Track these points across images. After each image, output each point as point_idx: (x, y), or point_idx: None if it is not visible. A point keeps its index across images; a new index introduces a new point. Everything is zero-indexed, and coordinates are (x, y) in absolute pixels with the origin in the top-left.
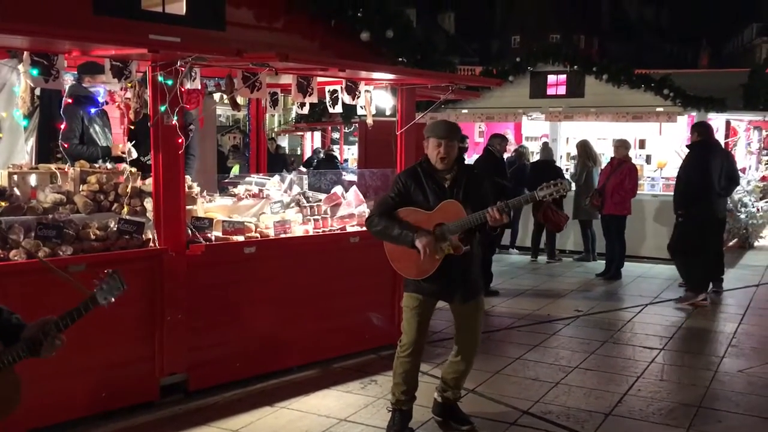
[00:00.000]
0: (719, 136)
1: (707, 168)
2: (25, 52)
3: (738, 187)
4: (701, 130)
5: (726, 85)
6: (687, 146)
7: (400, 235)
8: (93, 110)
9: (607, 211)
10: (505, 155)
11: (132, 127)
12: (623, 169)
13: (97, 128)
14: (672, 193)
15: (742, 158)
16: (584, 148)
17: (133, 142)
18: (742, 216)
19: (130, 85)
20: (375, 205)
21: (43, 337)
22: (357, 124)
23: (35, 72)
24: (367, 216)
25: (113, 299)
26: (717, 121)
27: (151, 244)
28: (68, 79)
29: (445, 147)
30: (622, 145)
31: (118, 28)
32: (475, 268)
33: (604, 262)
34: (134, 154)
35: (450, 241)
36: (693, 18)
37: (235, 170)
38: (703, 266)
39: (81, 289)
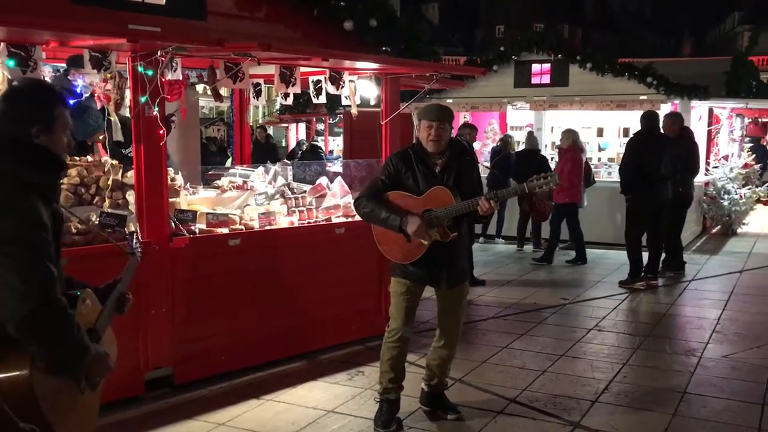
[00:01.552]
0: (702, 123)
1: (640, 156)
2: (2, 43)
3: (721, 174)
4: (643, 120)
5: (709, 73)
6: (633, 134)
7: (388, 219)
8: (72, 102)
9: (554, 199)
10: (492, 145)
11: (111, 118)
12: (563, 159)
13: (76, 122)
14: None
15: (724, 145)
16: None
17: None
18: (726, 203)
19: (109, 76)
20: (365, 187)
21: (123, 296)
22: (342, 115)
23: (12, 63)
24: (356, 197)
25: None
26: (700, 108)
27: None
28: (47, 71)
29: (437, 130)
30: (564, 134)
31: (97, 18)
32: (463, 254)
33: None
34: None
35: (438, 228)
36: (675, 7)
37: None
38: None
39: (124, 249)
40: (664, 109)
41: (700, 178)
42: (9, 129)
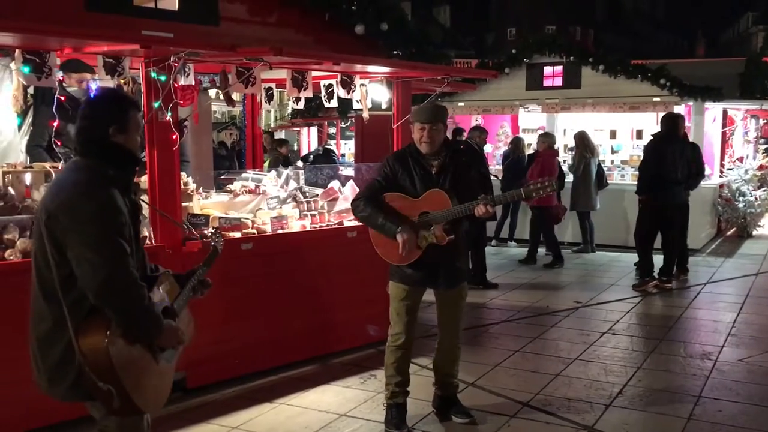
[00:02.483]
0: (716, 125)
1: (660, 158)
2: (17, 50)
3: (736, 176)
4: (664, 122)
5: (722, 75)
6: (652, 135)
7: (384, 226)
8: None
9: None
10: (504, 148)
11: None
12: (536, 161)
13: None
14: None
15: (739, 147)
16: (582, 139)
17: None
18: (741, 205)
19: (123, 81)
20: (362, 188)
21: (202, 281)
22: (353, 119)
23: (27, 70)
24: (353, 199)
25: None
26: (714, 110)
27: (147, 241)
28: (61, 77)
29: (429, 131)
30: (540, 138)
31: (111, 25)
32: (461, 256)
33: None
34: None
35: (434, 230)
36: (688, 8)
37: (266, 164)
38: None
39: (207, 241)
40: (677, 111)
41: (714, 180)
42: (92, 129)
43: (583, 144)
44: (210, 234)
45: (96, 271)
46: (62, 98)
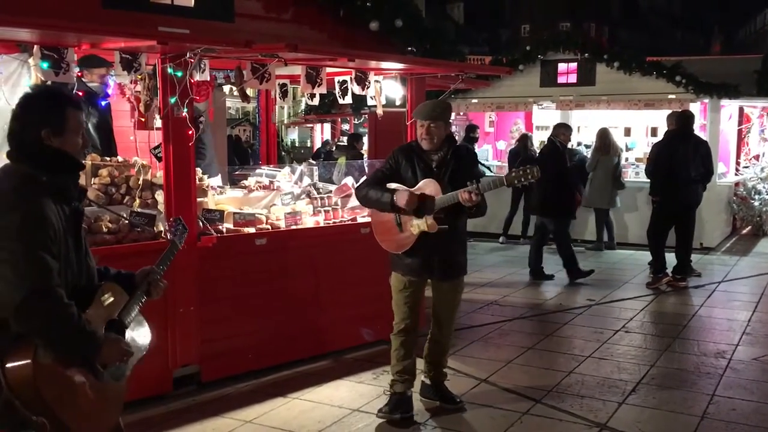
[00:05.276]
0: (732, 123)
1: (672, 156)
2: (35, 46)
3: (751, 174)
4: (678, 120)
5: (739, 72)
6: (666, 133)
7: (380, 198)
8: (104, 104)
9: None
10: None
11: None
12: None
13: (92, 125)
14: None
15: (755, 145)
16: (600, 137)
17: None
18: (756, 203)
19: (140, 77)
20: (367, 177)
21: (153, 281)
22: (367, 115)
23: (45, 65)
24: (357, 186)
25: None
26: (730, 107)
27: (163, 236)
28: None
29: (427, 129)
30: None
31: (127, 21)
32: (458, 248)
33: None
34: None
35: (425, 218)
36: (705, 4)
37: (342, 161)
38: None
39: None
40: (693, 108)
41: (730, 178)
42: (22, 133)
43: (599, 141)
44: (170, 224)
45: (13, 292)
46: (81, 93)
